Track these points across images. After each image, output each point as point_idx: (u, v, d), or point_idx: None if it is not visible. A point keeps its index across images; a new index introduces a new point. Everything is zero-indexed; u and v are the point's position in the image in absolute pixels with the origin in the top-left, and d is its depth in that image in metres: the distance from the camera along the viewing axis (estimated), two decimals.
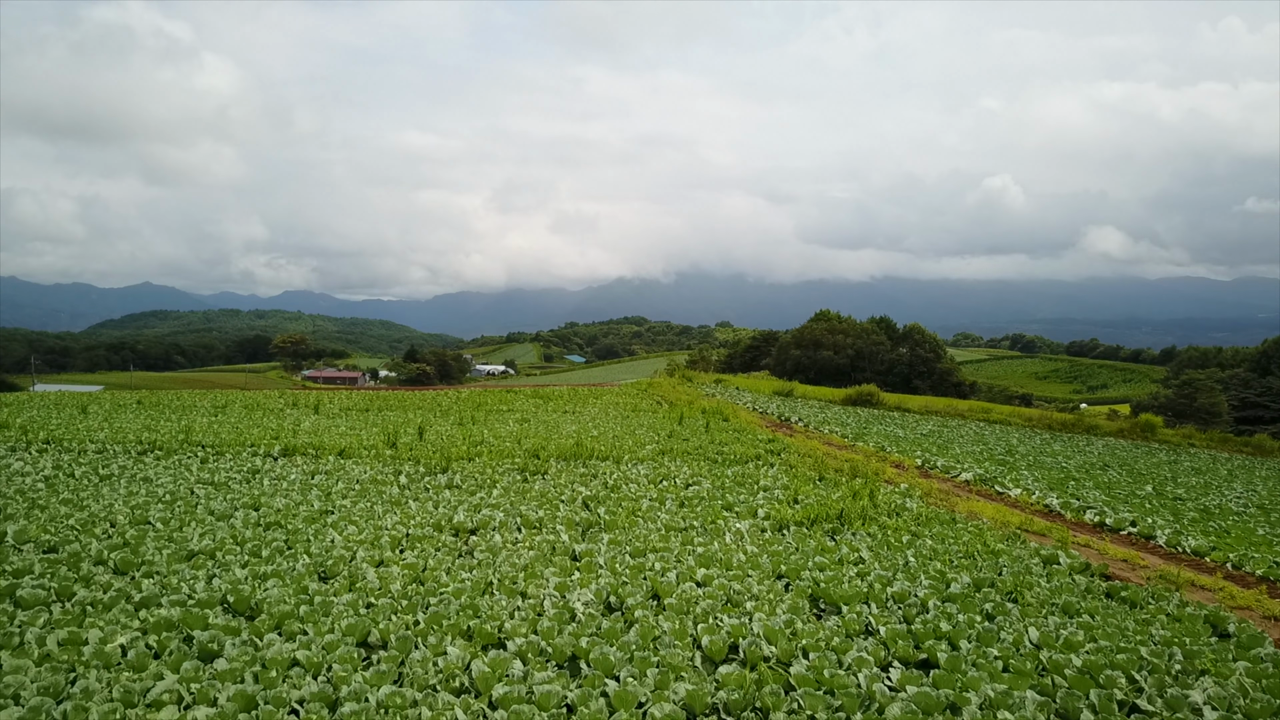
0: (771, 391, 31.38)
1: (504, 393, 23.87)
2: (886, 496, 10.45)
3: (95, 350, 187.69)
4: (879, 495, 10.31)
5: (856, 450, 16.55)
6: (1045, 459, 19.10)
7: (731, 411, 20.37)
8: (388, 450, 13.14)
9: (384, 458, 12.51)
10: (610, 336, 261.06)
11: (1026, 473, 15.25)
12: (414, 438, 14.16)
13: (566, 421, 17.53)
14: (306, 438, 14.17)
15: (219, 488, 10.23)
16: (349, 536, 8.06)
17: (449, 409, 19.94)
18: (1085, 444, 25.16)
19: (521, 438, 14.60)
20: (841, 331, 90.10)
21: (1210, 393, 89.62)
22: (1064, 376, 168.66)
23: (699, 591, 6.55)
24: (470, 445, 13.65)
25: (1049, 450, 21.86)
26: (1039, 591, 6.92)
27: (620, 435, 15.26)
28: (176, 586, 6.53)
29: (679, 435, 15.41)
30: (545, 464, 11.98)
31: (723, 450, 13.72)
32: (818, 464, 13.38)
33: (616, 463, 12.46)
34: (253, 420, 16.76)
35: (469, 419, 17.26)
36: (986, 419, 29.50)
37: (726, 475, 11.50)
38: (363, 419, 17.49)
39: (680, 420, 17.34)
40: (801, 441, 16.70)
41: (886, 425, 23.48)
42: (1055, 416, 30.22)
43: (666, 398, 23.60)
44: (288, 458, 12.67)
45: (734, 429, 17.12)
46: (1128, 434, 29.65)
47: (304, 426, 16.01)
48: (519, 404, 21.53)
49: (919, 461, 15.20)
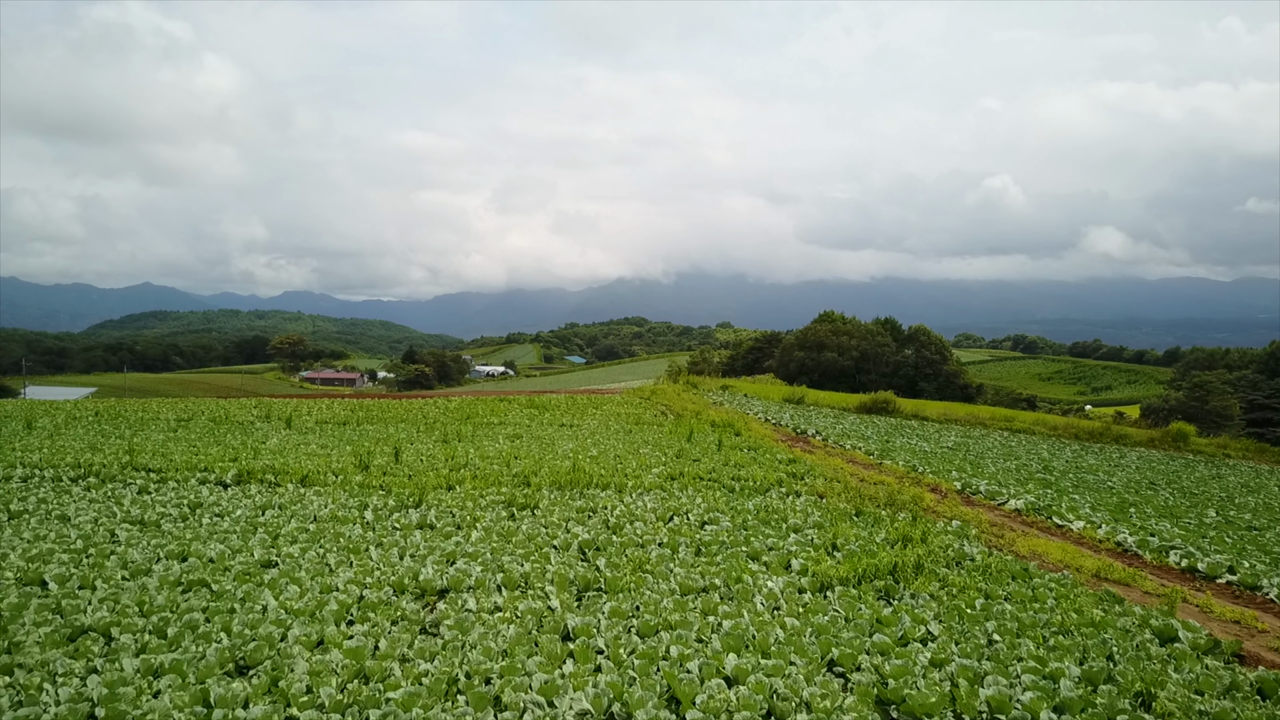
0: (782, 399, 29.74)
1: (496, 401, 22.23)
2: (939, 537, 8.81)
3: (93, 351, 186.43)
4: (932, 537, 8.67)
5: (885, 470, 14.92)
6: (1086, 476, 17.49)
7: (743, 424, 18.73)
8: (357, 476, 11.50)
9: (351, 485, 10.87)
10: (610, 337, 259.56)
11: (1077, 497, 13.62)
12: (389, 459, 12.52)
13: (563, 437, 15.89)
14: (269, 459, 12.54)
15: (147, 529, 8.60)
16: (287, 602, 6.43)
17: (435, 422, 18.30)
18: (1119, 456, 23.54)
19: (511, 459, 12.96)
20: (846, 333, 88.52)
21: (1222, 395, 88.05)
22: (1068, 378, 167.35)
23: (730, 695, 4.93)
24: (452, 469, 12.02)
25: (1084, 464, 20.25)
26: (1174, 691, 5.29)
27: (623, 455, 13.62)
28: (36, 689, 4.91)
29: (688, 455, 13.78)
30: (536, 494, 10.35)
31: (739, 474, 12.08)
32: (848, 491, 11.74)
33: (619, 492, 10.83)
34: (215, 437, 15.13)
35: (455, 435, 15.62)
36: (1010, 428, 27.89)
37: (747, 509, 9.85)
38: (338, 435, 15.86)
39: (689, 436, 15.68)
40: (823, 460, 15.08)
41: (908, 437, 21.85)
42: (1082, 425, 28.60)
43: (672, 407, 21.97)
44: (241, 486, 11.03)
45: (748, 445, 15.47)
46: (1159, 443, 28.04)
47: (270, 444, 14.37)
48: (512, 415, 19.89)
49: (957, 485, 13.56)
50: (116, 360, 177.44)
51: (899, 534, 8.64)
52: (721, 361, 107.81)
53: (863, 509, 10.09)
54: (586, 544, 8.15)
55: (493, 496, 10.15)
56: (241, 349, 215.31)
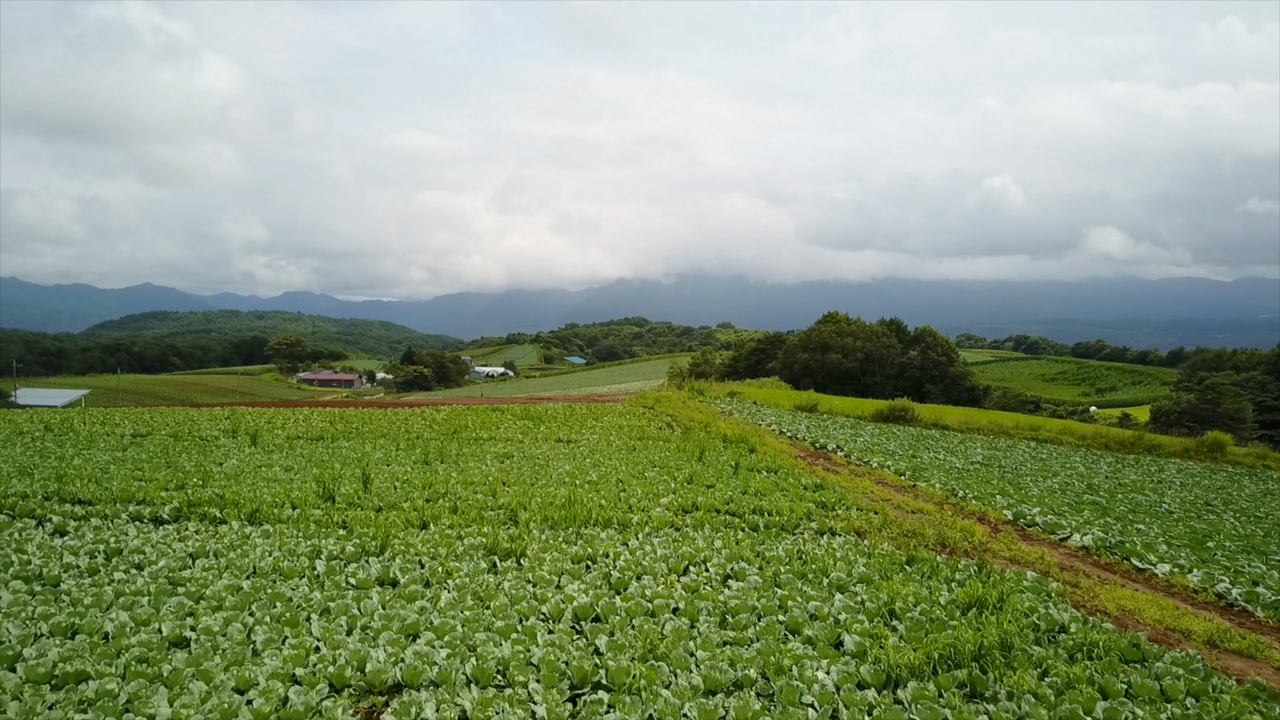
0: (793, 406, 28.09)
1: (488, 412, 20.57)
2: (1016, 595, 7.17)
3: (90, 352, 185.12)
4: (1009, 596, 7.02)
5: (920, 494, 13.28)
6: (1136, 497, 15.85)
7: (757, 439, 17.07)
8: (317, 509, 9.87)
9: (308, 524, 9.23)
10: (611, 338, 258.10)
11: (1142, 527, 11.98)
12: (357, 487, 10.88)
13: (559, 456, 14.24)
14: (220, 487, 10.91)
15: (40, 590, 6.96)
16: (182, 712, 4.81)
17: (418, 437, 16.64)
18: (1157, 470, 21.90)
19: (498, 486, 11.32)
20: (850, 334, 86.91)
21: (1235, 397, 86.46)
22: (1071, 379, 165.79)
23: None
24: (429, 500, 10.39)
25: (1126, 481, 18.61)
26: None
27: (626, 479, 11.97)
28: None
29: (701, 479, 12.13)
30: (524, 536, 8.71)
31: (761, 505, 10.43)
32: (889, 525, 10.11)
33: (623, 530, 9.19)
34: (167, 457, 13.49)
35: (437, 454, 13.96)
36: (1036, 437, 26.24)
37: (777, 556, 8.20)
38: (308, 453, 14.21)
39: (700, 456, 14.01)
40: (850, 482, 13.44)
41: (934, 451, 20.20)
42: (1112, 434, 26.94)
43: (678, 418, 20.32)
44: (178, 523, 9.39)
45: (767, 465, 13.82)
46: (1194, 454, 26.39)
47: (227, 467, 12.72)
48: (504, 428, 18.22)
49: (1007, 513, 11.91)
50: (114, 361, 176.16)
51: (969, 595, 6.99)
52: (724, 363, 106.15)
53: (914, 554, 8.43)
54: (583, 611, 6.51)
55: (472, 540, 8.50)
56: (240, 350, 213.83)
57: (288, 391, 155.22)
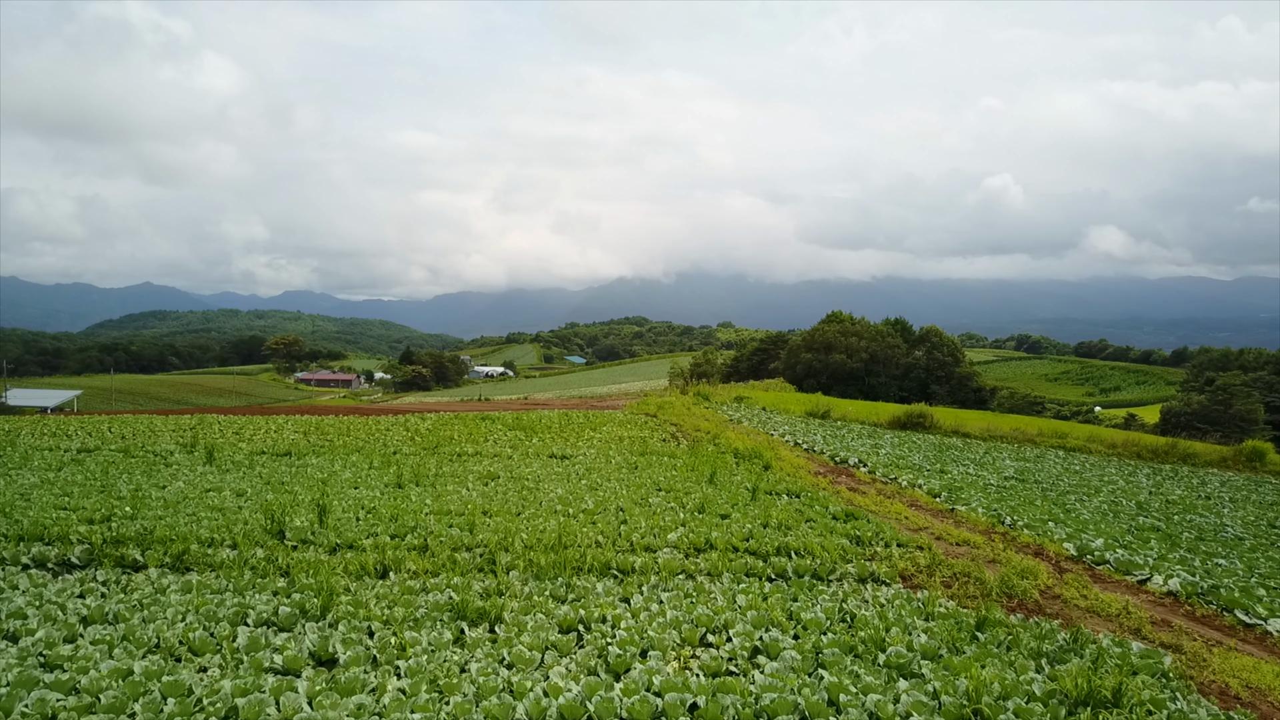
0: (804, 412, 26.45)
1: (477, 421, 18.93)
2: (1132, 683, 5.57)
3: (88, 352, 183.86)
4: (1126, 687, 5.42)
5: (961, 519, 11.68)
6: (1191, 517, 14.26)
7: (772, 453, 15.43)
8: (261, 547, 8.27)
9: (242, 569, 7.63)
10: (611, 337, 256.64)
11: (1224, 561, 10.39)
12: (313, 519, 9.27)
13: (551, 476, 12.61)
14: (152, 517, 9.30)
15: None
16: None
17: (395, 451, 14.98)
18: (1199, 483, 20.30)
19: (477, 516, 9.70)
20: (855, 334, 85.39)
21: (1247, 398, 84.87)
22: (1075, 379, 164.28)
23: None
24: (393, 535, 8.79)
25: (1170, 495, 17.02)
26: None
27: (628, 506, 10.36)
28: None
29: (714, 506, 10.51)
30: (502, 589, 7.11)
31: (787, 542, 8.82)
32: (938, 566, 8.51)
33: (623, 577, 7.59)
34: (106, 478, 11.88)
35: (413, 474, 12.30)
36: (1063, 445, 24.62)
37: (817, 619, 6.59)
38: (268, 473, 12.58)
39: (711, 476, 12.36)
40: (881, 504, 11.84)
41: (961, 463, 18.59)
42: (1144, 442, 25.32)
43: (683, 427, 18.71)
44: (86, 570, 7.79)
45: (787, 486, 12.20)
46: (1232, 463, 24.77)
47: (171, 490, 11.10)
48: (492, 441, 16.55)
49: (1067, 545, 10.30)
50: (112, 361, 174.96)
51: (1074, 686, 5.38)
52: (725, 363, 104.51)
53: (984, 614, 6.82)
54: (571, 712, 4.92)
55: (437, 595, 6.89)
56: (239, 349, 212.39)
57: (285, 392, 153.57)
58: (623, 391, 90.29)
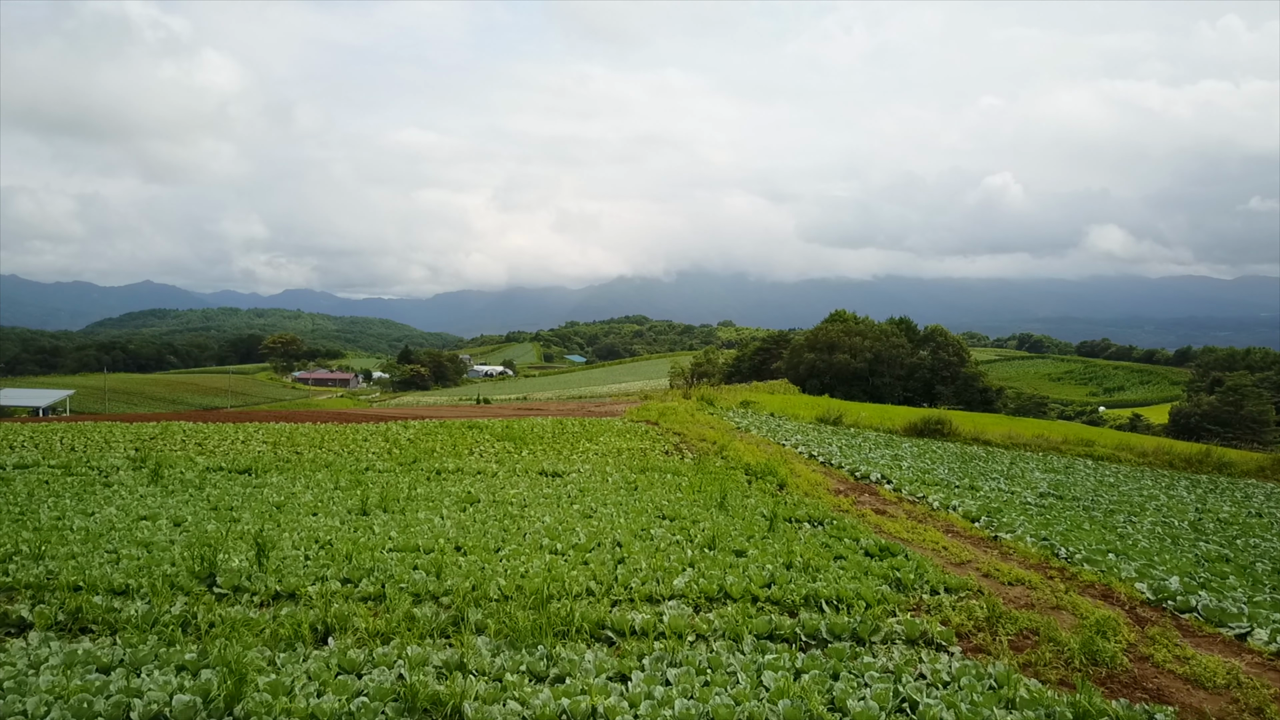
0: (814, 418, 24.93)
1: (464, 430, 17.41)
2: None
3: (86, 350, 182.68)
4: None
5: (1008, 550, 10.19)
6: (1255, 541, 12.80)
7: (786, 468, 13.93)
8: (176, 604, 6.79)
9: (147, 632, 6.16)
10: (611, 336, 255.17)
11: None
12: (251, 560, 7.78)
13: (539, 499, 11.10)
14: (63, 556, 7.83)
15: None
16: None
17: (368, 467, 13.41)
18: (1243, 496, 18.85)
19: (448, 554, 8.21)
20: (859, 333, 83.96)
21: (1259, 399, 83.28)
22: (1078, 378, 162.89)
23: None
24: (344, 583, 7.31)
25: (1219, 512, 15.55)
26: None
27: (626, 540, 8.86)
28: None
29: (726, 539, 9.01)
30: (465, 662, 5.63)
31: (817, 589, 7.34)
32: (999, 620, 7.04)
33: (619, 642, 6.12)
34: (29, 502, 10.36)
35: (381, 497, 10.77)
36: (1090, 454, 23.13)
37: (866, 709, 5.11)
38: (217, 495, 11.05)
39: (721, 500, 10.84)
40: (914, 532, 10.36)
41: (989, 476, 17.12)
42: (1176, 450, 23.83)
43: (687, 437, 17.21)
44: None
45: (808, 512, 10.69)
46: (1270, 472, 23.31)
47: (98, 519, 9.60)
48: (478, 453, 14.95)
49: (1140, 587, 8.82)
50: (109, 359, 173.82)
51: None
52: (727, 363, 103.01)
53: (1085, 707, 5.33)
54: None
55: (382, 675, 5.41)
56: (237, 348, 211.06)
57: (281, 391, 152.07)
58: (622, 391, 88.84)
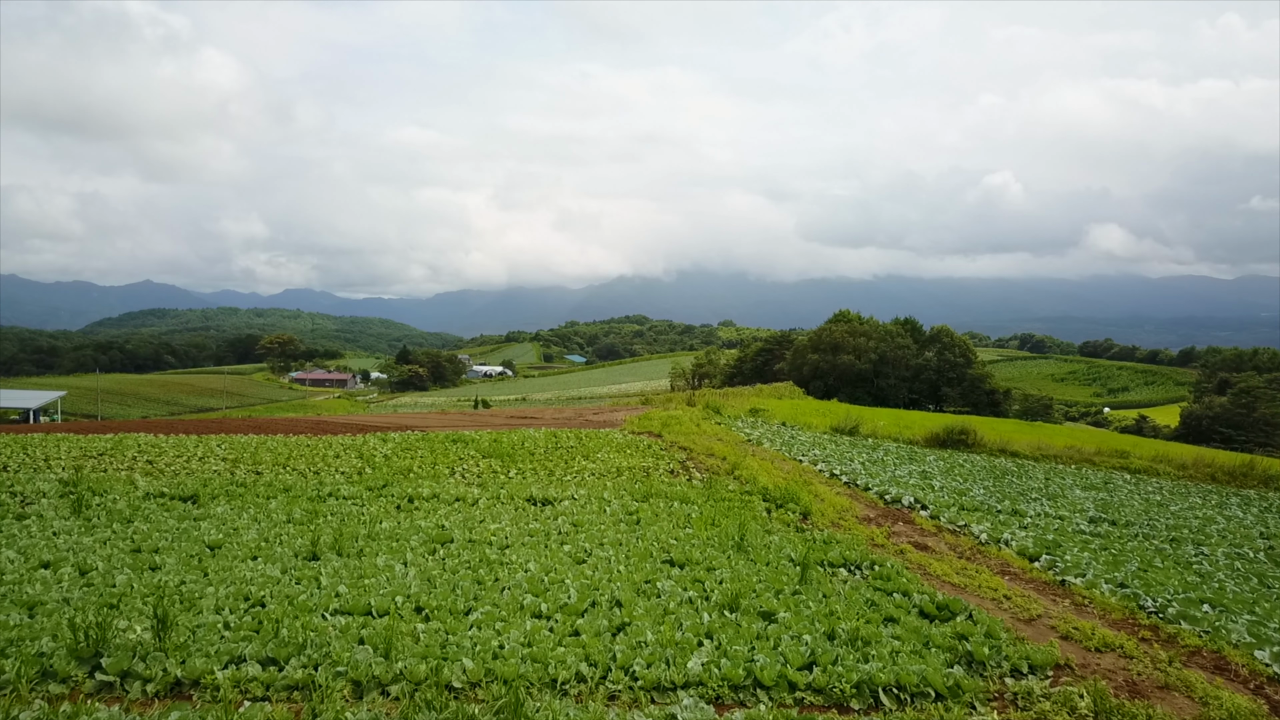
0: (829, 427, 23.24)
1: (448, 444, 15.69)
2: None
3: (83, 350, 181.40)
4: None
5: (1080, 600, 8.55)
6: None
7: (808, 492, 12.26)
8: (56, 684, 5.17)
9: None
10: (611, 336, 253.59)
11: None
12: (151, 633, 6.13)
13: (523, 537, 9.37)
14: None
15: None
16: None
17: (331, 492, 11.63)
18: None
19: (407, 615, 6.58)
20: (863, 334, 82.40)
21: (1272, 402, 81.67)
22: (1082, 379, 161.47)
23: None
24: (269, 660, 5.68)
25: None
26: None
27: (627, 597, 7.20)
28: None
29: (749, 591, 7.36)
30: None
31: (871, 673, 5.70)
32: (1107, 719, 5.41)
33: None
34: None
35: (337, 536, 9.02)
36: (1126, 467, 21.48)
37: None
38: (149, 528, 9.34)
39: (740, 540, 9.13)
40: (965, 574, 8.73)
41: (1029, 495, 15.46)
42: (1218, 462, 22.19)
43: (694, 452, 15.55)
44: None
45: (842, 552, 9.02)
46: None
47: None
48: (460, 473, 13.14)
49: (1261, 656, 7.18)
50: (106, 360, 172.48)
51: None
52: (728, 364, 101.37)
53: None
54: None
55: None
56: (235, 348, 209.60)
57: (278, 392, 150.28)
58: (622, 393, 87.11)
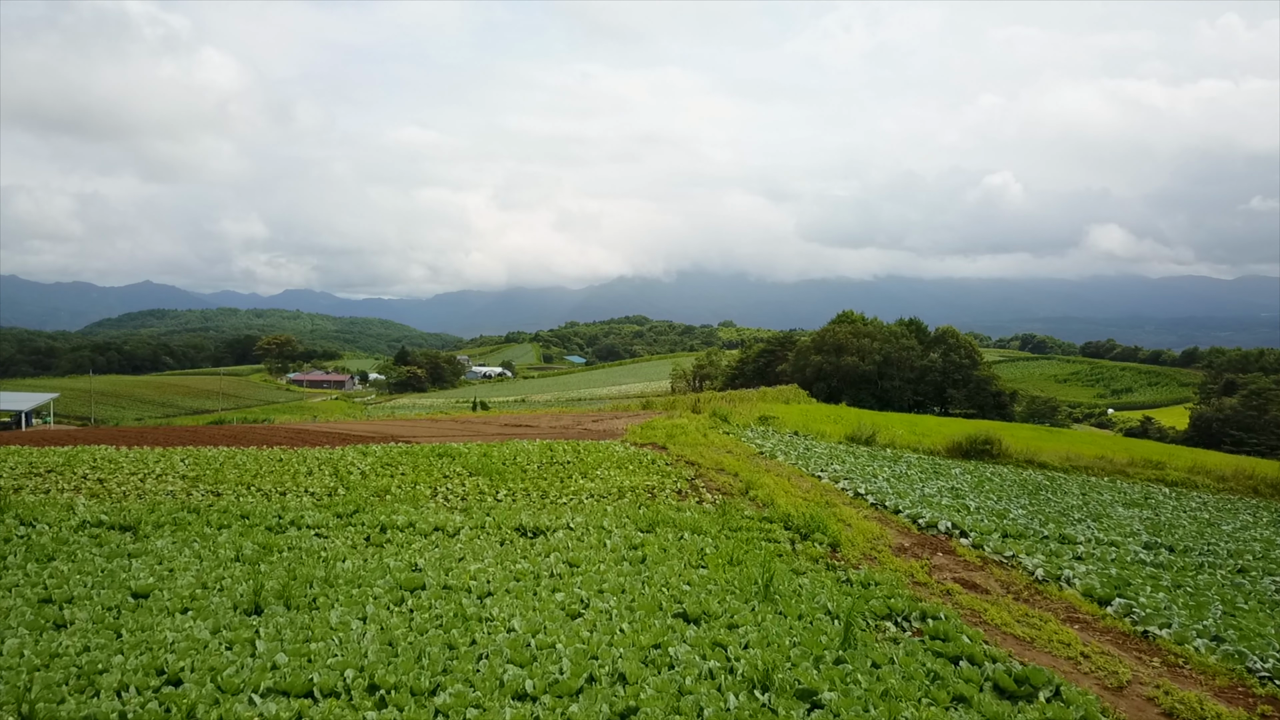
0: (844, 436, 21.85)
1: (432, 459, 14.25)
2: None
3: (81, 351, 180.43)
4: None
5: (1173, 660, 7.17)
6: None
7: (833, 518, 10.86)
8: None
9: None
10: (611, 336, 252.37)
11: None
12: None
13: (508, 580, 7.89)
14: None
15: None
16: None
17: (292, 521, 10.09)
18: None
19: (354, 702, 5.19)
20: (867, 335, 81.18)
21: None
22: (1085, 380, 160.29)
23: None
24: None
25: None
26: None
27: (632, 667, 5.78)
28: None
29: (783, 660, 5.97)
30: None
31: None
32: None
33: None
34: None
35: (288, 578, 7.63)
36: (1162, 478, 20.12)
37: None
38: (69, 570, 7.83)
39: (766, 588, 7.69)
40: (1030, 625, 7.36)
41: (1072, 516, 14.08)
42: (1259, 473, 20.82)
43: (702, 468, 14.15)
44: None
45: (884, 600, 7.65)
46: None
47: None
48: (442, 494, 11.65)
49: None
50: (104, 361, 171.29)
51: None
52: (730, 365, 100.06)
53: None
54: None
55: None
56: (233, 349, 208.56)
57: (275, 393, 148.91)
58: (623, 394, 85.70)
